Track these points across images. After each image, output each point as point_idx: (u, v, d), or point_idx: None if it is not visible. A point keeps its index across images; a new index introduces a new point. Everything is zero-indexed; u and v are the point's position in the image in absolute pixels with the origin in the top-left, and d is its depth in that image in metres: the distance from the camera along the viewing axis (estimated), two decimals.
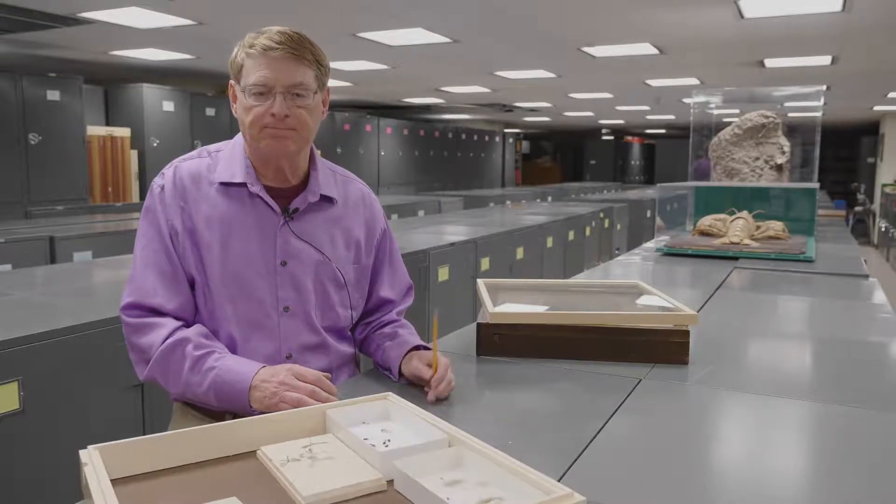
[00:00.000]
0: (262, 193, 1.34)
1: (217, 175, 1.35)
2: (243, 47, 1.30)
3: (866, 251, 10.04)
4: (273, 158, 1.34)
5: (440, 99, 10.97)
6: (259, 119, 1.28)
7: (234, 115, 1.36)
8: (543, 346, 1.51)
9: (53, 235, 4.00)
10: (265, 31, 1.29)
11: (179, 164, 1.38)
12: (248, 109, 1.29)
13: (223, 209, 1.33)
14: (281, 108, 1.27)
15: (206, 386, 1.24)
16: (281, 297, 1.35)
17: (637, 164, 21.59)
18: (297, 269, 1.36)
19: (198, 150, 1.42)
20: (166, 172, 1.36)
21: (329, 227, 1.41)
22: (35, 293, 2.44)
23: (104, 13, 4.88)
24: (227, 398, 1.24)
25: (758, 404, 1.28)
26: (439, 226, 5.18)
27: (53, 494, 1.88)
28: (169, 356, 1.27)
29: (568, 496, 0.81)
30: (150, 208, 1.35)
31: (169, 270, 1.32)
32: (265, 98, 1.28)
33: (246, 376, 1.23)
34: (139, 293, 1.31)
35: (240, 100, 1.32)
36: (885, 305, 2.11)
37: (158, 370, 1.28)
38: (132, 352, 1.32)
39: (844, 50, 6.27)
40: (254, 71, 1.27)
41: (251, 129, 1.30)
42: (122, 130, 7.06)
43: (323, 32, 5.53)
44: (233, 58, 1.32)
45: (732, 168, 3.66)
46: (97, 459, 0.90)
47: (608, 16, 5.05)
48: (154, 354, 1.27)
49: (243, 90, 1.30)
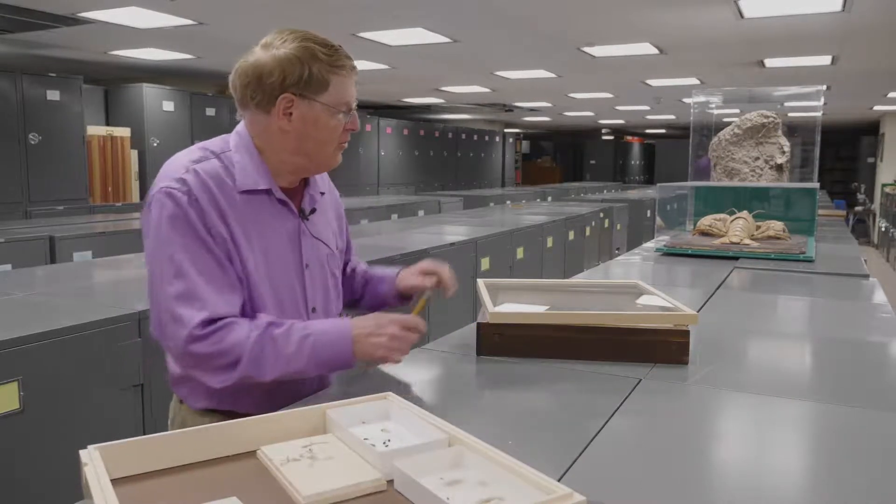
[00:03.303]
0: (287, 200, 1.35)
1: (239, 183, 1.29)
2: (319, 62, 1.27)
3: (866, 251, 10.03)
4: (324, 170, 1.40)
5: (440, 99, 10.98)
6: (341, 135, 1.33)
7: (271, 127, 1.31)
8: (543, 346, 1.51)
9: (53, 235, 4.01)
10: (335, 48, 1.30)
11: (194, 166, 1.28)
12: (334, 128, 1.31)
13: (251, 216, 1.30)
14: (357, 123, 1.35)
15: (307, 355, 1.24)
16: (309, 298, 1.39)
17: (637, 164, 21.59)
18: (317, 268, 1.40)
19: (198, 149, 1.33)
20: (186, 177, 1.25)
21: (328, 220, 1.47)
22: (35, 293, 2.44)
23: (104, 13, 4.89)
24: (327, 360, 1.26)
25: (758, 404, 1.28)
26: (439, 226, 5.17)
27: (53, 494, 1.88)
28: (262, 346, 1.23)
29: (568, 496, 0.81)
30: (179, 217, 1.23)
31: (221, 276, 1.25)
32: (348, 116, 1.32)
33: (345, 333, 1.26)
34: (206, 308, 1.22)
35: (317, 118, 1.29)
36: (885, 305, 2.11)
37: (254, 364, 1.23)
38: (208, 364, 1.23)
39: (844, 50, 6.27)
40: (345, 89, 1.30)
41: (331, 146, 1.33)
42: (122, 130, 7.06)
43: (323, 32, 5.47)
44: (303, 71, 1.26)
45: (732, 168, 3.66)
46: (97, 459, 0.90)
47: (608, 16, 5.05)
48: (245, 351, 1.22)
49: (333, 108, 1.29)
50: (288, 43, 1.28)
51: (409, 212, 7.22)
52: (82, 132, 6.53)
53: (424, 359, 1.56)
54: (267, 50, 1.28)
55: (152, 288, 1.26)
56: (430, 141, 12.80)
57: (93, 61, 7.08)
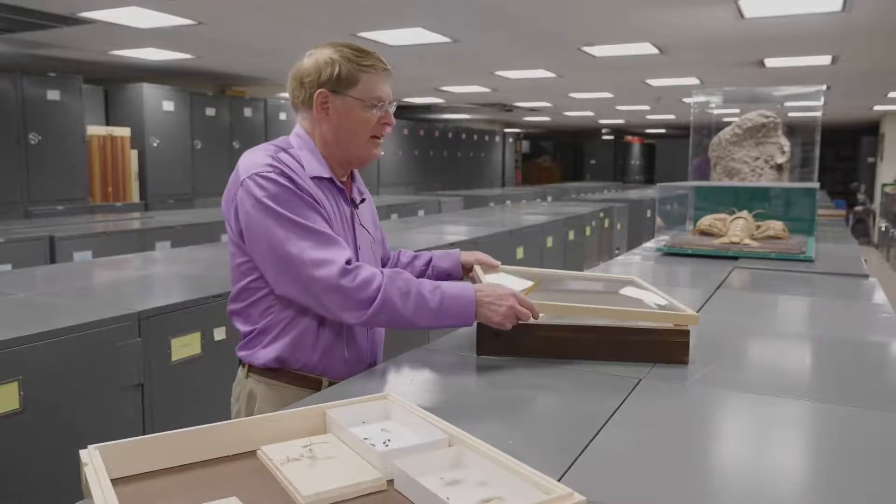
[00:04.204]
0: (344, 187, 1.56)
1: (308, 170, 1.48)
2: (349, 62, 1.46)
3: (866, 251, 10.04)
4: (363, 162, 1.58)
5: (440, 99, 10.97)
6: (374, 128, 1.51)
7: (313, 120, 1.51)
8: (543, 345, 1.51)
9: (53, 235, 4.01)
10: (366, 51, 1.49)
11: (275, 155, 1.46)
12: (366, 120, 1.50)
13: (321, 197, 1.48)
14: (392, 117, 1.54)
15: (437, 302, 1.40)
16: None
17: (637, 163, 21.59)
18: (366, 252, 1.59)
19: (268, 146, 1.50)
20: (273, 163, 1.43)
21: (370, 213, 1.68)
22: (35, 293, 2.44)
23: (104, 13, 4.88)
24: (452, 313, 1.41)
25: (758, 404, 1.28)
26: (439, 226, 5.18)
27: (53, 494, 1.88)
28: (397, 278, 1.40)
29: (568, 496, 0.81)
30: (283, 191, 1.40)
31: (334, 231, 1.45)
32: (380, 110, 1.50)
33: (470, 294, 1.42)
34: (344, 251, 1.40)
35: (350, 111, 1.48)
36: (885, 305, 2.11)
37: (393, 289, 1.38)
38: (354, 297, 1.37)
39: (844, 50, 6.27)
40: (374, 86, 1.49)
41: (363, 137, 1.51)
42: (122, 130, 7.06)
43: (323, 32, 5.53)
44: (335, 70, 1.46)
45: (732, 168, 3.66)
46: (97, 459, 0.90)
47: (608, 16, 5.05)
48: (382, 277, 1.39)
49: (365, 103, 1.48)
50: (324, 49, 1.49)
51: (409, 211, 7.22)
52: (82, 132, 6.53)
53: (424, 359, 1.56)
54: (309, 57, 1.51)
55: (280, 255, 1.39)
56: (430, 141, 12.80)
57: (93, 61, 7.08)
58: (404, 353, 1.58)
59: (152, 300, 2.26)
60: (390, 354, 1.62)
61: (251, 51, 6.30)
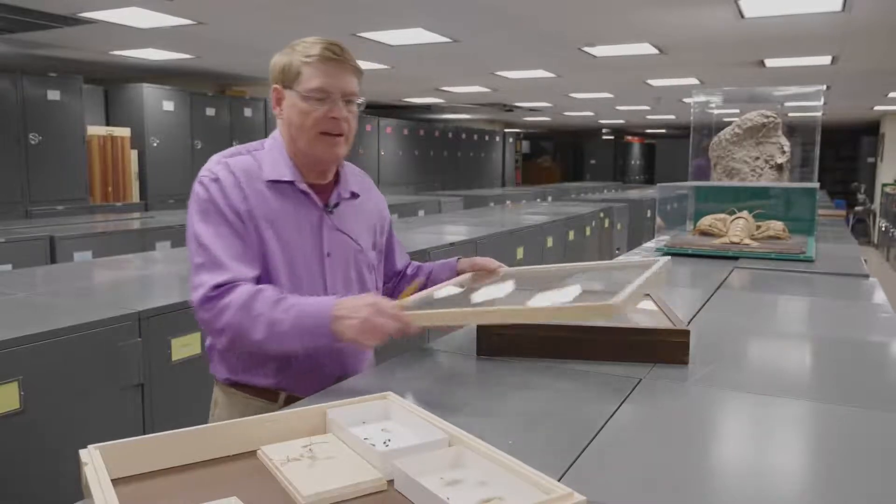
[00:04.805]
0: (308, 190, 1.46)
1: (266, 173, 1.43)
2: (297, 55, 1.40)
3: (866, 251, 10.03)
4: (322, 162, 1.46)
5: (440, 99, 10.97)
6: (318, 123, 1.40)
7: (276, 117, 1.48)
8: (543, 345, 1.51)
9: (53, 235, 4.00)
10: (316, 41, 1.40)
11: (227, 159, 1.43)
12: (307, 113, 1.40)
13: (275, 205, 1.42)
14: (341, 111, 1.40)
15: (290, 322, 1.29)
16: (329, 285, 1.47)
17: (637, 163, 21.59)
18: (340, 260, 1.49)
19: (235, 148, 1.48)
20: (216, 168, 1.41)
21: (358, 219, 1.55)
22: (35, 293, 2.44)
23: (104, 13, 4.88)
24: (309, 331, 1.29)
25: (758, 404, 1.28)
26: (439, 225, 5.17)
27: (53, 494, 1.88)
28: (251, 301, 1.31)
29: (568, 496, 0.81)
30: (209, 199, 1.38)
31: (242, 251, 1.37)
32: (323, 103, 1.39)
33: (327, 308, 1.29)
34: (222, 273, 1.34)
35: (295, 104, 1.41)
36: (885, 305, 2.11)
37: (243, 314, 1.30)
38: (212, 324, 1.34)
39: (844, 50, 6.27)
40: (314, 77, 1.39)
41: (308, 133, 1.41)
42: (122, 130, 7.06)
43: (323, 32, 5.50)
44: (284, 64, 1.41)
45: (732, 168, 3.65)
46: (97, 459, 0.90)
47: (608, 16, 5.05)
48: (237, 301, 1.31)
49: (304, 95, 1.39)
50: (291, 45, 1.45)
51: (409, 211, 7.22)
52: (82, 132, 6.53)
53: (424, 359, 1.56)
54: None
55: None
56: (430, 141, 12.79)
57: (93, 61, 7.07)
58: (405, 353, 1.58)
59: (152, 300, 2.26)
60: (391, 354, 1.62)
61: (251, 51, 6.30)
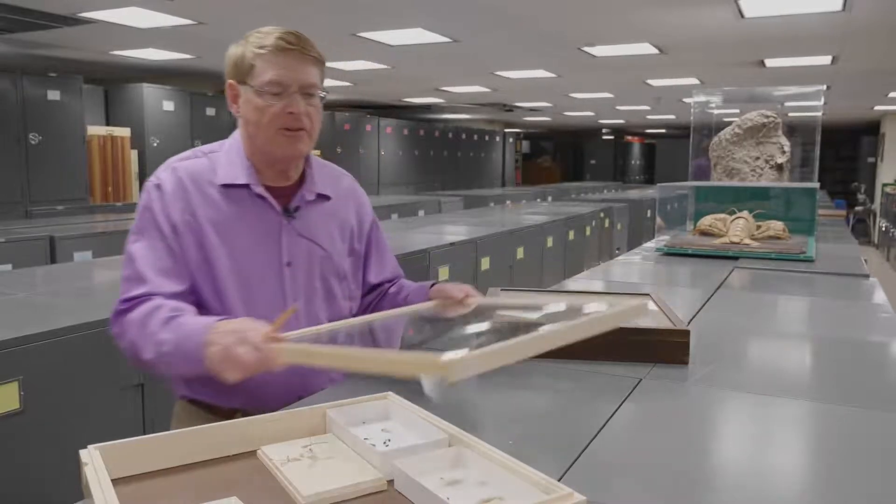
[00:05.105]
0: (265, 194, 1.34)
1: (219, 177, 1.33)
2: (250, 46, 1.29)
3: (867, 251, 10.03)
4: (283, 160, 1.34)
5: (440, 99, 10.97)
6: (275, 119, 1.28)
7: (233, 115, 1.36)
8: None
9: (53, 235, 4.00)
10: (270, 31, 1.29)
11: (176, 164, 1.35)
12: (263, 109, 1.28)
13: (227, 211, 1.32)
14: (299, 105, 1.28)
15: (173, 344, 1.14)
16: (289, 297, 1.35)
17: (637, 163, 21.59)
18: (303, 268, 1.37)
19: (191, 150, 1.40)
20: (162, 174, 1.34)
21: (327, 222, 1.42)
22: (35, 293, 2.44)
23: (104, 13, 4.88)
24: (189, 356, 1.11)
25: (758, 404, 1.28)
26: (439, 225, 5.17)
27: (53, 494, 1.88)
28: (147, 318, 1.20)
29: (568, 496, 0.81)
30: (147, 206, 1.31)
31: (170, 266, 1.28)
32: (279, 98, 1.28)
33: (205, 328, 1.11)
34: (140, 287, 1.25)
35: (249, 100, 1.30)
36: (885, 305, 2.11)
37: (139, 331, 1.20)
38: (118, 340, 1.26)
39: (844, 50, 6.27)
40: (268, 70, 1.27)
41: (266, 130, 1.30)
42: (122, 130, 7.06)
43: (323, 32, 5.52)
44: (237, 57, 1.31)
45: (732, 168, 3.65)
46: (97, 459, 0.90)
47: (608, 16, 5.05)
48: (136, 318, 1.20)
49: (257, 90, 1.28)
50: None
51: (409, 211, 7.22)
52: (82, 132, 6.53)
53: None
54: None
55: None
56: (430, 141, 12.79)
57: (93, 61, 7.07)
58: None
59: None
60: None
61: None
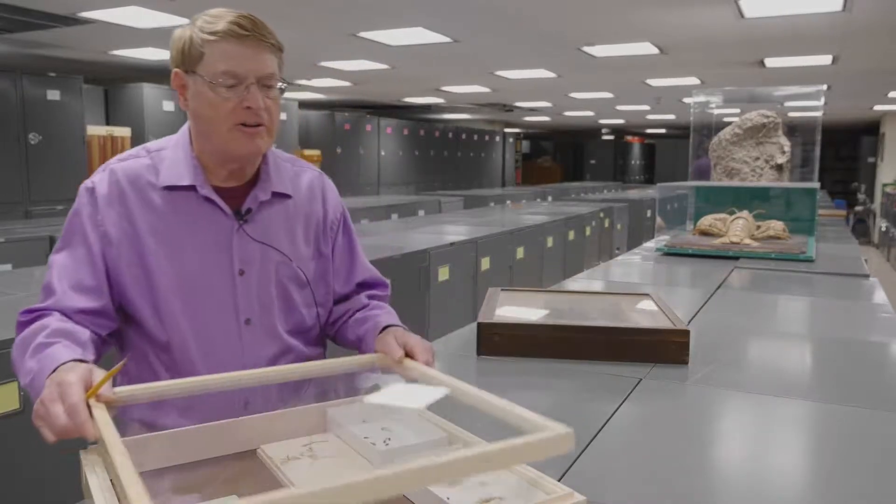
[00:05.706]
0: (213, 196, 1.20)
1: (162, 178, 1.19)
2: (198, 31, 1.13)
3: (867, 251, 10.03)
4: (239, 159, 1.20)
5: (440, 99, 10.97)
6: (231, 114, 1.14)
7: (182, 108, 1.20)
8: (543, 346, 1.51)
9: (53, 235, 4.00)
10: (221, 14, 1.14)
11: (115, 164, 1.21)
12: (216, 104, 1.13)
13: (170, 216, 1.18)
14: (257, 99, 1.13)
15: (33, 377, 1.01)
16: (241, 308, 1.21)
17: (637, 163, 21.58)
18: (257, 276, 1.22)
19: (136, 148, 1.25)
20: (97, 176, 1.21)
21: (286, 223, 1.27)
22: (35, 293, 2.43)
23: (104, 13, 4.88)
24: (38, 395, 0.96)
25: (758, 404, 1.28)
26: (439, 225, 5.17)
27: (53, 494, 1.88)
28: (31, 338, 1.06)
29: (568, 496, 0.81)
30: (76, 212, 1.20)
31: (86, 279, 1.17)
32: (234, 91, 1.13)
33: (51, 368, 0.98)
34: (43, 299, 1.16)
35: (200, 92, 1.15)
36: (886, 305, 2.11)
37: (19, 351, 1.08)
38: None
39: (844, 50, 6.27)
40: (221, 59, 1.12)
41: (220, 126, 1.15)
42: (123, 130, 7.06)
43: (323, 32, 5.53)
44: (184, 44, 1.15)
45: (733, 168, 3.66)
46: (97, 460, 0.90)
47: (608, 16, 5.05)
48: (22, 336, 1.09)
49: (209, 81, 1.13)
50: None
51: (409, 211, 7.22)
52: (82, 132, 6.53)
53: None
54: None
55: None
56: (430, 141, 12.79)
57: (93, 61, 7.07)
58: None
59: None
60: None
61: None
